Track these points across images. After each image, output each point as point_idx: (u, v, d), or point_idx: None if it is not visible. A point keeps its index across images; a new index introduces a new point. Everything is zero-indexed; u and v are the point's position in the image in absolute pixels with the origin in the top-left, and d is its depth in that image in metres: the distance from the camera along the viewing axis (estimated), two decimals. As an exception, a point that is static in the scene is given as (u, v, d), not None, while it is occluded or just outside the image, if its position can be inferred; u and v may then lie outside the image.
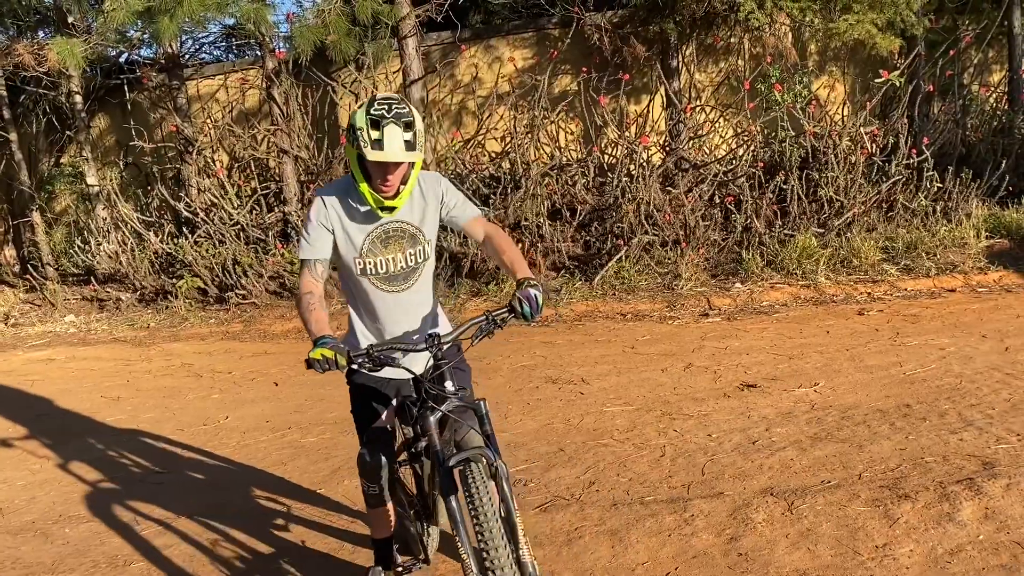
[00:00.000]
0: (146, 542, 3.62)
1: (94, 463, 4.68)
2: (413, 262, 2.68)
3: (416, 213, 2.67)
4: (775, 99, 8.53)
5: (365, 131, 2.40)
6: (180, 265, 8.82)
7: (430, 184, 2.70)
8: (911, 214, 7.85)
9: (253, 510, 3.87)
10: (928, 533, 2.99)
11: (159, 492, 4.18)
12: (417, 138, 2.44)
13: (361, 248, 2.63)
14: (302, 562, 3.31)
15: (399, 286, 2.69)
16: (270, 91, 8.81)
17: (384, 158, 2.40)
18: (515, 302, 2.41)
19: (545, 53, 9.71)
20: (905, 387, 4.56)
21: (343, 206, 2.63)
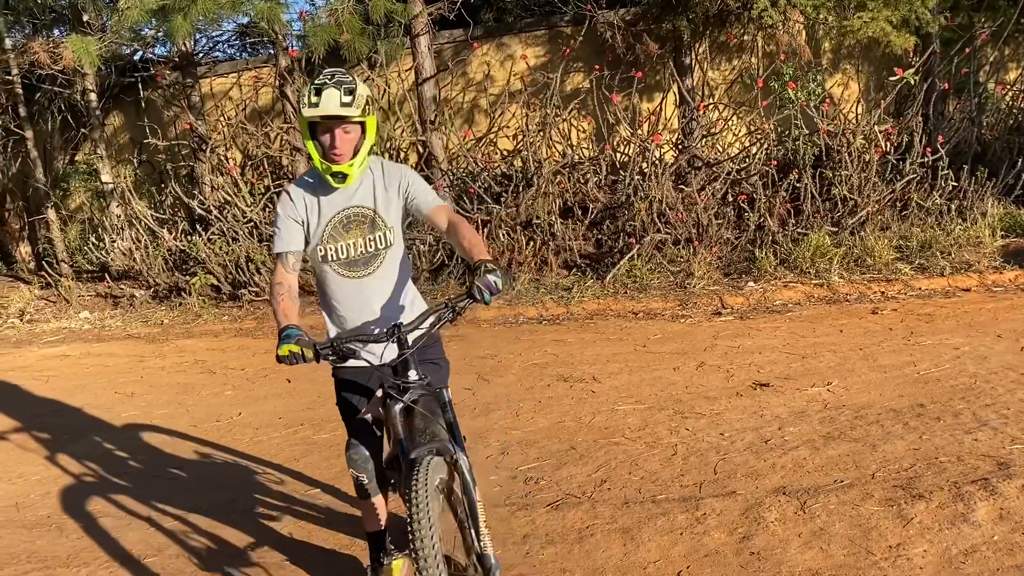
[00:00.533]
0: (160, 537, 3.64)
1: (108, 459, 4.71)
2: (373, 247, 2.73)
3: (378, 199, 2.73)
4: (788, 97, 8.50)
5: (307, 96, 2.52)
6: (194, 262, 8.87)
7: (392, 172, 2.77)
8: (925, 213, 7.80)
9: (266, 506, 3.89)
10: (942, 533, 2.97)
11: (173, 487, 4.20)
12: (357, 101, 2.51)
13: (323, 234, 2.70)
14: (314, 557, 3.32)
15: (359, 271, 2.74)
16: (283, 89, 8.84)
17: (317, 112, 2.50)
18: (475, 290, 2.40)
19: (557, 51, 9.71)
20: (919, 387, 4.54)
21: (308, 195, 2.72)
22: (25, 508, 4.12)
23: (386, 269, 2.78)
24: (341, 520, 3.64)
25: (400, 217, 2.77)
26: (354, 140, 2.60)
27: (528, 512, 3.52)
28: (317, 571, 3.22)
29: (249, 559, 3.36)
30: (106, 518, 3.89)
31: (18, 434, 5.31)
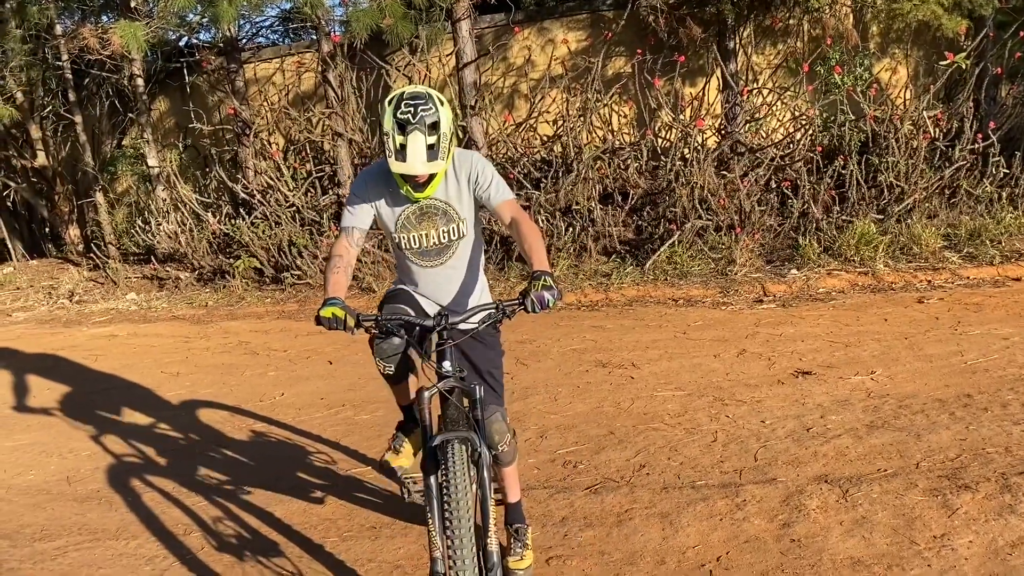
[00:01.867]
0: (205, 512, 3.72)
1: (155, 436, 4.82)
2: (446, 239, 2.80)
3: (450, 191, 2.77)
4: (835, 82, 8.34)
5: (391, 137, 2.51)
6: (237, 245, 9.00)
7: (463, 163, 2.77)
8: (975, 201, 7.62)
9: (307, 484, 3.95)
10: (988, 524, 2.92)
11: (217, 465, 4.29)
12: (441, 142, 2.53)
13: (397, 223, 2.78)
14: (355, 535, 3.37)
15: (432, 261, 2.84)
16: (325, 74, 8.90)
17: (406, 171, 2.53)
18: (528, 302, 2.43)
19: (599, 35, 9.63)
20: (966, 377, 4.45)
21: (381, 184, 2.76)
22: (76, 482, 4.24)
23: (458, 259, 2.86)
24: (382, 499, 3.69)
25: (473, 207, 2.81)
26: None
27: (567, 495, 3.54)
28: (360, 549, 3.27)
29: (291, 534, 3.42)
30: (153, 493, 3.99)
31: (68, 411, 5.45)
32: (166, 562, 3.29)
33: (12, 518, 3.86)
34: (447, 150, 2.57)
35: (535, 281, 2.46)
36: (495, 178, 2.79)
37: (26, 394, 5.93)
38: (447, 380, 2.53)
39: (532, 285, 2.45)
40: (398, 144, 2.50)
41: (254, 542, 3.39)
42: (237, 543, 3.39)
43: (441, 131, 2.52)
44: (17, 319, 9.07)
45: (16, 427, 5.18)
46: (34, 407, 5.59)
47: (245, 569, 3.17)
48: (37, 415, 5.41)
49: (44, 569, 3.32)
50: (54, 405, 5.60)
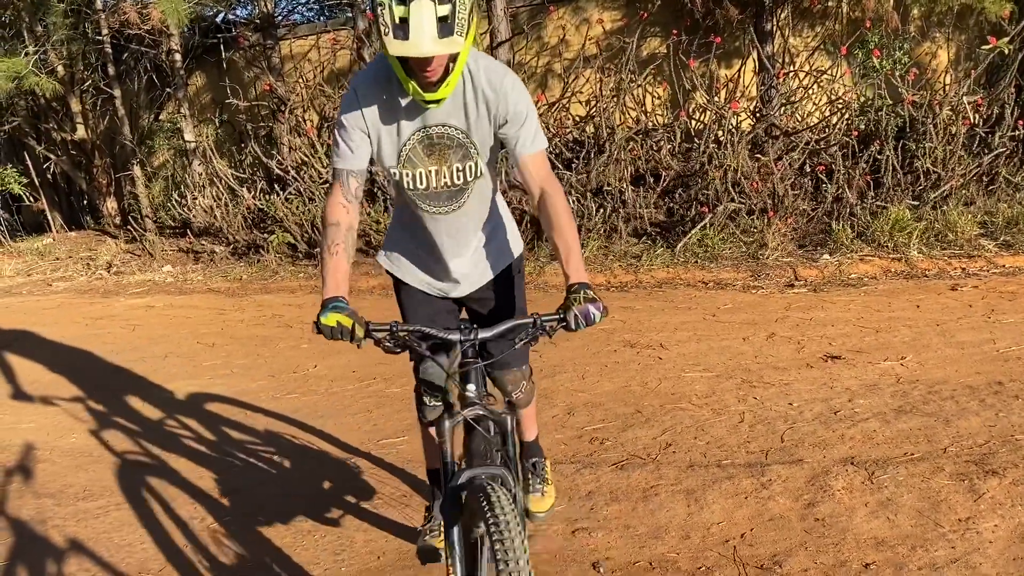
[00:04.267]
0: (238, 479, 3.83)
1: (190, 403, 4.95)
2: (460, 179, 2.21)
3: (469, 114, 2.14)
4: (873, 66, 8.23)
5: (387, 8, 1.84)
6: (271, 221, 9.12)
7: (492, 81, 2.12)
8: (1014, 188, 7.51)
9: (338, 453, 4.04)
10: (1015, 509, 2.93)
11: (251, 433, 4.40)
12: (458, 12, 1.85)
13: (400, 155, 2.17)
14: (383, 508, 3.46)
15: (444, 206, 2.26)
16: (360, 52, 8.96)
17: (407, 52, 1.85)
18: (571, 318, 2.00)
19: (635, 15, 9.57)
20: (998, 364, 4.43)
21: (380, 100, 2.12)
22: (114, 446, 4.37)
23: (474, 203, 2.30)
24: (410, 469, 3.77)
25: (492, 139, 2.21)
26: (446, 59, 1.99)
27: (593, 470, 3.59)
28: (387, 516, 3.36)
29: (322, 500, 3.51)
30: (189, 458, 4.10)
31: (107, 378, 5.60)
32: (201, 524, 3.40)
33: (55, 478, 4.00)
34: (466, 26, 1.88)
35: (575, 294, 2.02)
36: (530, 116, 2.18)
37: (66, 361, 6.09)
38: (473, 408, 2.12)
39: (573, 298, 2.01)
40: (397, 17, 1.84)
41: (284, 506, 3.49)
42: (269, 506, 3.49)
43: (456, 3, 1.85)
44: (57, 288, 9.29)
45: (58, 392, 5.34)
46: (73, 373, 5.74)
47: (278, 532, 3.26)
48: (77, 381, 5.56)
49: (87, 527, 3.45)
50: (92, 372, 5.76)
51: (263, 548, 3.17)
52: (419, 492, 3.54)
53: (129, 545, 3.28)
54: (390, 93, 2.11)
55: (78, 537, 3.37)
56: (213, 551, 3.18)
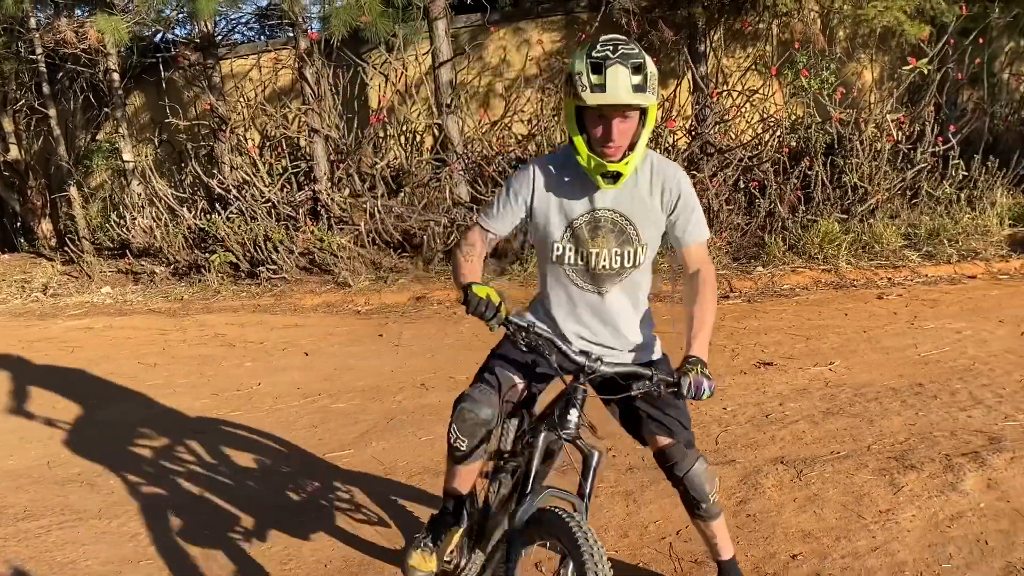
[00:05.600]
0: (184, 495, 3.82)
1: (133, 423, 4.90)
2: (619, 263, 2.29)
3: (637, 205, 2.26)
4: (802, 85, 8.57)
5: (584, 75, 2.02)
6: (213, 240, 9.05)
7: (668, 175, 2.27)
8: (935, 202, 7.88)
9: (283, 468, 4.06)
10: (931, 500, 3.11)
11: (195, 450, 4.38)
12: (649, 81, 2.04)
13: (564, 233, 2.28)
14: (329, 517, 3.49)
15: (595, 286, 2.34)
16: (302, 71, 8.98)
17: (606, 100, 2.01)
18: (685, 384, 2.08)
19: (574, 36, 9.80)
20: (919, 367, 4.66)
21: (556, 180, 2.27)
22: (56, 466, 4.31)
23: (625, 290, 2.36)
24: (357, 484, 3.81)
25: (658, 233, 2.32)
26: (632, 130, 2.11)
27: (536, 477, 3.68)
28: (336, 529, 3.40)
29: (266, 516, 3.53)
30: (134, 475, 4.07)
31: (46, 399, 5.50)
32: (148, 539, 3.40)
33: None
34: (655, 91, 2.06)
35: (693, 365, 2.12)
36: (698, 207, 2.30)
37: (3, 383, 5.97)
38: (568, 431, 2.12)
39: (690, 368, 2.11)
40: (594, 81, 2.01)
41: (230, 522, 3.50)
42: (218, 520, 3.50)
43: (648, 71, 2.03)
44: (-10, 312, 9.06)
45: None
46: (12, 396, 5.63)
47: (225, 545, 3.28)
48: (15, 403, 5.45)
49: (29, 546, 3.41)
50: (32, 394, 5.65)
51: (210, 562, 3.18)
52: (364, 503, 3.59)
53: (72, 563, 3.26)
54: (567, 174, 2.25)
55: (19, 556, 3.33)
56: (159, 566, 3.18)
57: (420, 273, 8.17)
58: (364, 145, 9.05)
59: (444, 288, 7.73)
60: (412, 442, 4.24)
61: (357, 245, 8.38)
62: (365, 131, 9.20)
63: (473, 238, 2.35)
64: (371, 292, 7.84)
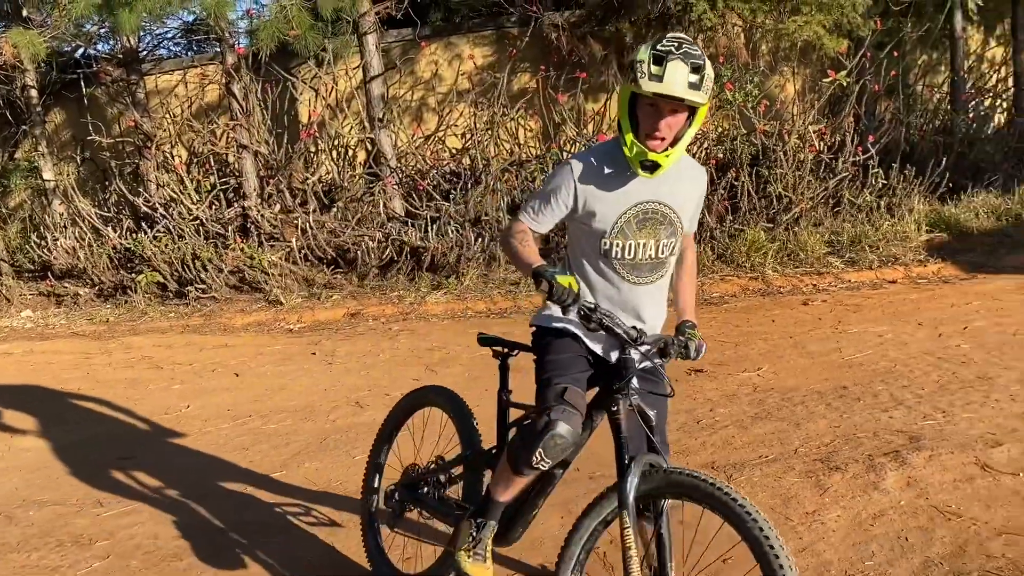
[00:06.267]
0: (109, 523, 3.70)
1: (56, 451, 4.73)
2: (665, 253, 2.37)
3: (678, 197, 2.36)
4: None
5: (646, 63, 2.10)
6: (139, 260, 8.82)
7: (698, 175, 2.45)
8: (856, 209, 8.14)
9: (214, 493, 3.97)
10: (855, 500, 3.20)
11: (121, 477, 4.25)
12: (705, 83, 2.12)
13: (612, 227, 2.32)
14: (262, 541, 3.42)
15: (644, 278, 2.39)
16: (229, 86, 8.84)
17: (662, 89, 2.08)
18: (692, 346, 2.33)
19: (504, 51, 9.87)
20: (843, 371, 4.80)
21: (598, 174, 2.31)
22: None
23: (665, 280, 2.45)
24: (290, 505, 3.74)
25: (695, 222, 2.50)
26: (679, 125, 2.20)
27: (471, 491, 3.67)
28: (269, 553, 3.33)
29: (197, 543, 3.44)
30: (56, 506, 3.93)
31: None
32: (70, 572, 3.27)
33: (-99, 538, 3.75)
34: (709, 93, 2.15)
35: (692, 330, 2.35)
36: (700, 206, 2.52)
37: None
38: (635, 397, 2.28)
39: (691, 333, 2.34)
40: (654, 71, 2.09)
41: (158, 550, 3.40)
42: (144, 550, 3.39)
43: (706, 73, 2.11)
44: (-99, 339, 8.65)
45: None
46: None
47: (157, 569, 3.18)
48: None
49: (-61, 585, 3.26)
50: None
51: (133, 592, 3.08)
52: (295, 523, 3.52)
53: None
54: (609, 168, 2.30)
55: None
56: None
57: (354, 289, 8.10)
58: (295, 160, 8.95)
59: (379, 303, 7.67)
60: (346, 462, 4.19)
61: (289, 262, 8.26)
62: (295, 146, 9.09)
63: (522, 227, 2.39)
64: (304, 309, 7.73)
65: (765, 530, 1.98)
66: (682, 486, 2.17)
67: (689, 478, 2.16)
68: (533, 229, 2.40)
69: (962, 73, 9.79)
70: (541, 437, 2.31)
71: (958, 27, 9.75)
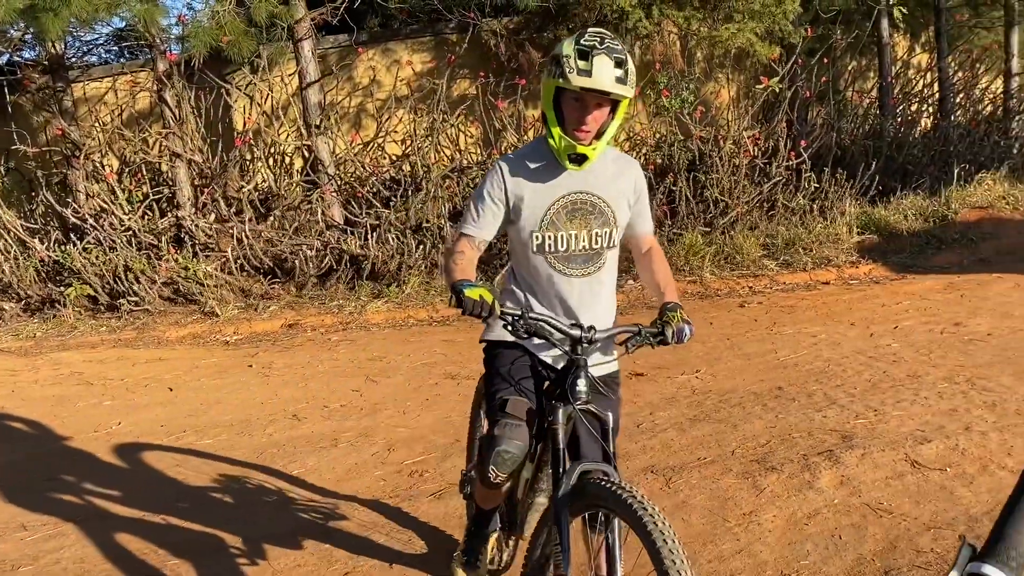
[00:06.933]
0: (33, 547, 3.55)
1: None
2: (598, 244, 2.36)
3: (610, 189, 2.36)
4: (664, 104, 8.90)
5: (572, 59, 2.13)
6: (68, 273, 8.54)
7: (631, 168, 2.43)
8: (790, 213, 8.32)
9: (144, 513, 3.84)
10: (790, 500, 3.25)
11: (47, 499, 4.09)
12: (629, 76, 2.16)
13: (542, 220, 2.33)
14: (193, 563, 3.33)
15: (578, 269, 2.38)
16: (161, 94, 8.63)
17: (591, 84, 2.11)
18: (669, 333, 2.23)
19: (443, 57, 9.83)
20: (779, 371, 4.88)
21: (526, 171, 2.34)
22: None
23: (605, 274, 2.42)
24: (225, 522, 3.65)
25: (626, 217, 2.42)
26: (603, 118, 2.24)
27: (412, 503, 3.63)
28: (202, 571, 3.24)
29: (128, 564, 3.33)
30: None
31: None
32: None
33: None
34: (634, 86, 2.19)
35: (673, 312, 2.27)
36: (648, 205, 2.49)
37: None
38: (580, 400, 2.18)
39: (671, 316, 2.25)
40: (580, 66, 2.12)
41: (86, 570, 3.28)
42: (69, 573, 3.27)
43: (629, 67, 2.15)
44: None
45: None
46: None
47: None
48: None
49: None
50: None
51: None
52: (227, 543, 3.43)
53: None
54: (536, 164, 2.33)
55: None
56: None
57: (293, 299, 7.97)
58: (230, 168, 8.77)
59: (318, 313, 7.56)
60: (282, 476, 4.10)
61: (224, 272, 8.08)
62: (231, 154, 8.91)
63: (462, 247, 2.38)
64: (240, 321, 7.57)
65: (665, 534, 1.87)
66: (598, 497, 2.05)
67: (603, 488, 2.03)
68: (476, 236, 2.38)
69: (890, 79, 10.10)
70: (489, 454, 2.32)
71: (885, 34, 10.05)
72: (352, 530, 3.44)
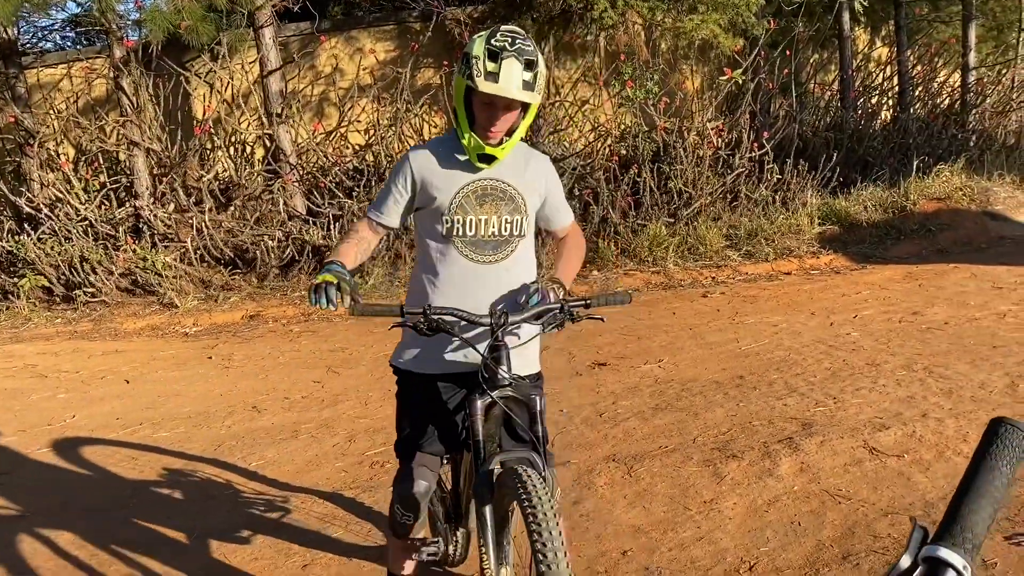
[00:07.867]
0: None
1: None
2: (508, 231, 2.32)
3: (520, 179, 2.35)
4: (628, 95, 8.90)
5: (481, 61, 2.11)
6: (22, 263, 8.34)
7: (540, 162, 2.43)
8: (753, 204, 8.39)
9: (98, 506, 3.76)
10: (750, 487, 3.26)
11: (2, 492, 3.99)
12: (538, 80, 2.16)
13: (451, 203, 2.29)
14: (148, 558, 3.26)
15: (488, 256, 2.33)
16: (118, 81, 8.45)
17: (498, 91, 2.10)
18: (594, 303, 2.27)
19: (407, 46, 9.75)
20: (740, 360, 4.91)
21: (437, 157, 2.32)
22: None
23: (515, 262, 2.37)
24: (180, 516, 3.58)
25: (536, 207, 2.41)
26: (513, 119, 2.23)
27: (372, 494, 3.59)
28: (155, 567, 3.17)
29: (80, 559, 3.25)
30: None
31: None
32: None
33: None
34: (542, 90, 2.19)
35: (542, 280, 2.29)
36: (563, 197, 2.51)
37: None
38: (502, 388, 2.13)
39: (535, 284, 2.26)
40: (489, 69, 2.10)
41: (39, 568, 3.19)
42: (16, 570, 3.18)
43: (539, 69, 2.14)
44: None
45: None
46: None
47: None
48: None
49: None
50: None
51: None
52: (182, 539, 3.37)
53: None
54: (447, 152, 2.32)
55: None
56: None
57: (254, 290, 7.86)
58: (189, 157, 8.62)
59: (280, 304, 7.46)
60: (240, 469, 4.03)
61: (184, 263, 7.95)
62: (190, 143, 8.76)
63: (360, 228, 2.39)
64: (200, 312, 7.46)
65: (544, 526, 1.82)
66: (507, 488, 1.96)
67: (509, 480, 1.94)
68: (380, 220, 2.37)
69: (851, 72, 10.21)
70: (395, 499, 2.38)
71: (846, 27, 10.16)
72: (311, 522, 3.40)
